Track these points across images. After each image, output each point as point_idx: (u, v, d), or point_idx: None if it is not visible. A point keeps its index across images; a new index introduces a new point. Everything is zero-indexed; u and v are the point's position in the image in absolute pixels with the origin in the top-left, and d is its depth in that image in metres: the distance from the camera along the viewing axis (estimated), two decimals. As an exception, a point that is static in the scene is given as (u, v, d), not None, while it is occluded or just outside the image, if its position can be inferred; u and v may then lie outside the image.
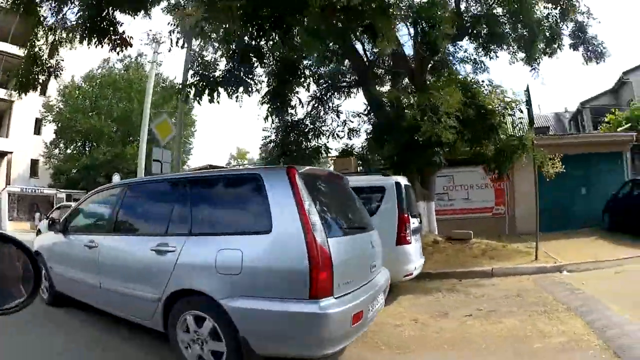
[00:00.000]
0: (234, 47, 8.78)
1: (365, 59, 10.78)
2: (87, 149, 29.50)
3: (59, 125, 30.75)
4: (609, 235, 11.65)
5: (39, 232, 14.59)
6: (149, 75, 21.90)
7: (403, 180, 6.83)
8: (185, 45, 11.00)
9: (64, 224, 5.62)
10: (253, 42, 7.91)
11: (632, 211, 11.17)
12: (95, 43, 8.18)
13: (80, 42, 8.30)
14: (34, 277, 1.37)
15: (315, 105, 11.11)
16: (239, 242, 3.40)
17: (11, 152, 31.88)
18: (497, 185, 13.59)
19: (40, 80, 9.42)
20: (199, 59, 10.25)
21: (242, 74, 9.09)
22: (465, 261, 8.68)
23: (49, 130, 32.54)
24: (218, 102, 9.38)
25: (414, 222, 6.72)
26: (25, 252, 1.37)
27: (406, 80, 11.34)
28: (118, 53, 8.37)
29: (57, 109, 30.60)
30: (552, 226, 9.12)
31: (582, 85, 64.08)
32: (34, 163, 33.83)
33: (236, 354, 3.32)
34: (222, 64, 9.98)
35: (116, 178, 21.29)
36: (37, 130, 33.67)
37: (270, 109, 10.33)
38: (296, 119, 11.20)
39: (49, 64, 9.44)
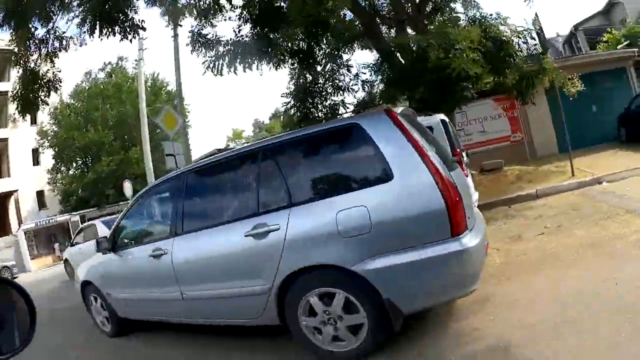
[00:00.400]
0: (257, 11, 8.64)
1: (368, 10, 10.76)
2: (89, 164, 29.20)
3: (56, 149, 30.22)
4: (628, 146, 11.95)
5: (66, 261, 14.38)
6: (138, 72, 21.47)
7: (445, 118, 6.95)
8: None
9: (112, 241, 4.93)
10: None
11: (647, 122, 11.33)
12: (106, 33, 8.10)
13: (91, 34, 8.07)
14: (29, 319, 1.35)
15: (327, 61, 11.00)
16: (359, 198, 3.04)
17: (16, 190, 31.48)
18: (510, 114, 13.82)
19: (41, 97, 9.39)
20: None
21: (267, 40, 9.03)
22: (506, 189, 8.92)
23: (47, 158, 32.06)
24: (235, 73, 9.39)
25: (463, 156, 6.86)
26: (22, 293, 1.36)
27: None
28: (131, 41, 8.32)
29: (52, 133, 30.18)
30: (571, 145, 9.32)
31: (568, 10, 63.80)
32: (40, 194, 33.35)
33: (380, 320, 3.03)
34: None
35: (127, 185, 20.81)
36: (36, 161, 33.20)
37: (299, 69, 10.31)
38: (310, 80, 11.13)
39: (46, 78, 9.31)
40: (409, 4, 10.63)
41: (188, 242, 3.98)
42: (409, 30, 10.31)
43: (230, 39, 9.84)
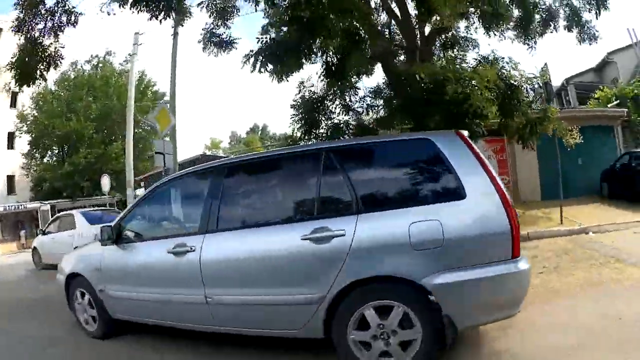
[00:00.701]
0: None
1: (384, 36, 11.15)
2: (66, 154, 28.73)
3: (33, 135, 29.84)
4: (609, 201, 12.64)
5: (35, 250, 14.05)
6: (130, 67, 20.85)
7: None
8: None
9: (117, 231, 4.49)
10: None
11: (629, 181, 12.17)
12: (138, 6, 8.08)
13: (122, 4, 8.18)
14: None
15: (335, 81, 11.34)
16: (433, 212, 3.07)
17: None
18: (500, 157, 14.28)
19: (40, 71, 9.07)
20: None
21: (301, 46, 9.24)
22: (496, 229, 9.29)
23: (22, 143, 31.61)
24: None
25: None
26: None
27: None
28: (160, 21, 8.18)
29: (32, 118, 29.73)
30: (554, 194, 9.91)
31: (561, 63, 66.52)
32: (10, 179, 32.83)
33: (433, 336, 3.03)
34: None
35: (105, 180, 20.73)
36: (11, 145, 32.69)
37: (327, 82, 10.55)
38: (318, 96, 11.39)
39: (48, 52, 9.02)
40: (418, 36, 11.04)
41: (223, 240, 3.70)
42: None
43: (265, 39, 9.97)
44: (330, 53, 9.93)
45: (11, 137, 32.56)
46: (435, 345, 3.04)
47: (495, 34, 11.79)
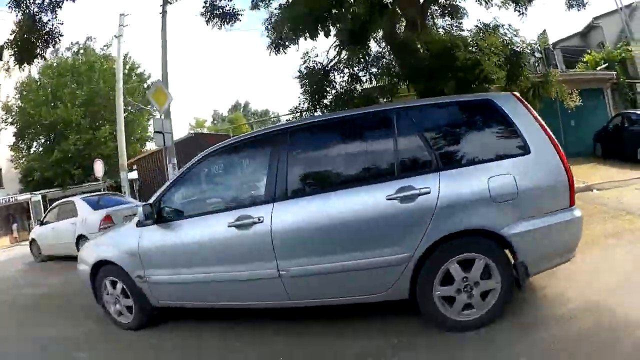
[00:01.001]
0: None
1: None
2: (54, 143, 28.13)
3: (18, 126, 29.33)
4: (603, 161, 13.26)
5: (33, 242, 13.67)
6: (118, 50, 21.25)
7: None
8: None
9: (157, 209, 4.16)
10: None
11: (622, 140, 12.70)
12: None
13: None
14: None
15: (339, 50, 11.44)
16: (506, 167, 3.30)
17: None
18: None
19: (39, 48, 8.98)
20: None
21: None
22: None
23: (7, 135, 30.96)
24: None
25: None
26: None
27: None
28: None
29: (16, 108, 29.11)
30: None
31: (547, 27, 67.26)
32: None
33: (509, 284, 3.28)
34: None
35: (99, 165, 20.32)
36: None
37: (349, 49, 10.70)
38: (324, 66, 11.56)
39: (46, 29, 8.87)
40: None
41: (297, 207, 3.57)
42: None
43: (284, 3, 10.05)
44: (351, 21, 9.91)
45: None
46: (510, 292, 3.31)
47: (485, 1, 11.82)
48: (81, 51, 31.05)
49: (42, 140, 29.63)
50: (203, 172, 4.35)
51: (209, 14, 10.90)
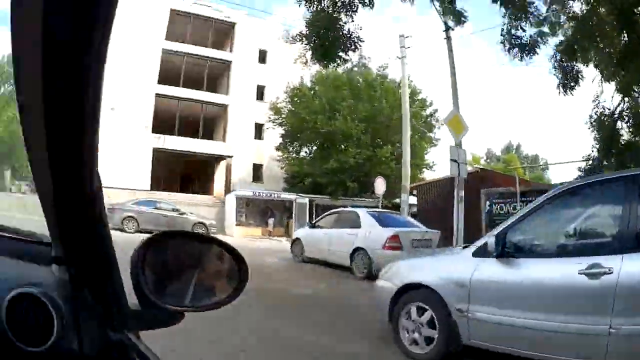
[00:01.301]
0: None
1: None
2: (330, 152, 28.85)
3: (289, 128, 31.19)
4: None
5: (296, 241, 14.33)
6: (402, 71, 21.47)
7: None
8: None
9: (502, 241, 3.96)
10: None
11: None
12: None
13: None
14: (238, 275, 1.29)
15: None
16: None
17: (230, 157, 33.47)
18: None
19: (341, 50, 9.39)
20: None
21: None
22: None
23: (271, 135, 33.46)
24: None
25: None
26: (229, 251, 1.31)
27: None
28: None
29: (286, 111, 31.01)
30: None
31: None
32: (257, 168, 35.36)
33: None
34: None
35: (380, 182, 20.98)
36: (259, 135, 35.52)
37: None
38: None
39: (345, 31, 9.08)
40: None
41: None
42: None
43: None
44: None
45: (259, 128, 35.37)
46: None
47: None
48: (355, 68, 31.95)
49: (314, 147, 31.03)
50: (553, 210, 4.25)
51: (507, 43, 10.41)
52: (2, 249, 1.30)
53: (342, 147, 27.79)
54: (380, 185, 20.91)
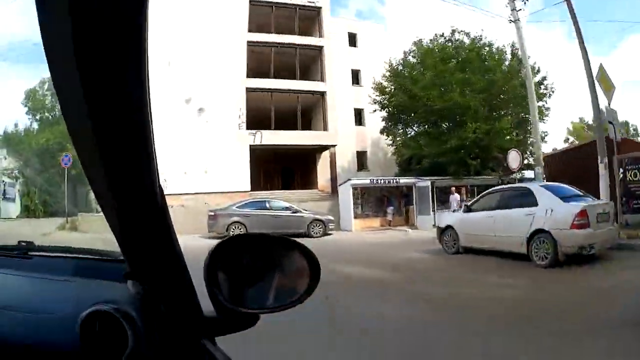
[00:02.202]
0: None
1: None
2: (449, 129, 27.81)
3: (391, 109, 30.33)
4: None
5: (446, 229, 13.52)
6: (518, 36, 21.05)
7: None
8: None
9: None
10: None
11: None
12: None
13: None
14: (310, 274, 1.32)
15: None
16: None
17: (334, 146, 32.82)
18: None
19: None
20: None
21: None
22: None
23: (372, 119, 33.02)
24: None
25: None
26: (307, 255, 1.35)
27: None
28: None
29: (393, 90, 29.88)
30: None
31: None
32: (360, 155, 35.25)
33: None
34: None
35: (514, 156, 19.91)
36: (359, 121, 35.39)
37: None
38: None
39: None
40: None
41: None
42: None
43: None
44: None
45: (358, 113, 35.32)
46: None
47: None
48: (461, 38, 30.29)
49: (426, 126, 29.70)
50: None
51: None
52: (78, 270, 1.57)
53: (460, 123, 26.66)
54: (513, 159, 19.79)
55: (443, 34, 30.55)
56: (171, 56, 29.24)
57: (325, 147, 33.14)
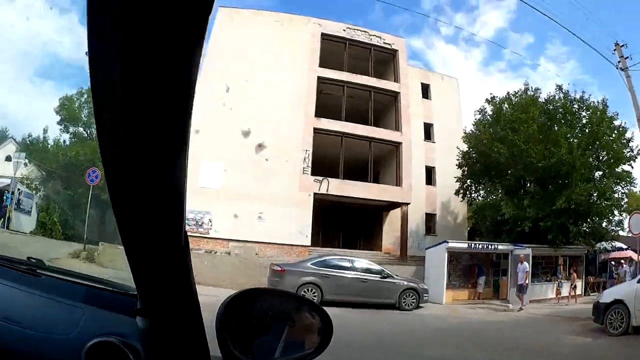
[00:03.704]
0: None
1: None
2: (549, 189, 25.94)
3: (476, 167, 29.11)
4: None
5: (612, 305, 11.96)
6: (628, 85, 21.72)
7: None
8: None
9: None
10: None
11: None
12: None
13: None
14: (322, 331, 1.50)
15: None
16: None
17: (407, 204, 30.91)
18: None
19: None
20: None
21: None
22: None
23: (444, 177, 32.05)
24: None
25: None
26: (319, 312, 1.54)
27: None
28: None
29: (487, 141, 27.84)
30: None
31: None
32: (429, 218, 33.49)
33: None
34: None
35: (637, 218, 18.55)
36: (429, 180, 33.78)
37: None
38: None
39: None
40: None
41: None
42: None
43: None
44: None
45: (429, 171, 33.67)
46: None
47: None
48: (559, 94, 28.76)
49: (528, 185, 27.86)
50: None
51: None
52: (87, 297, 1.63)
53: (566, 182, 24.93)
54: (637, 223, 18.30)
55: (526, 89, 29.92)
56: (231, 81, 28.92)
57: (396, 205, 31.32)
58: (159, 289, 1.13)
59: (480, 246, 25.38)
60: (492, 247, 25.30)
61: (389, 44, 33.74)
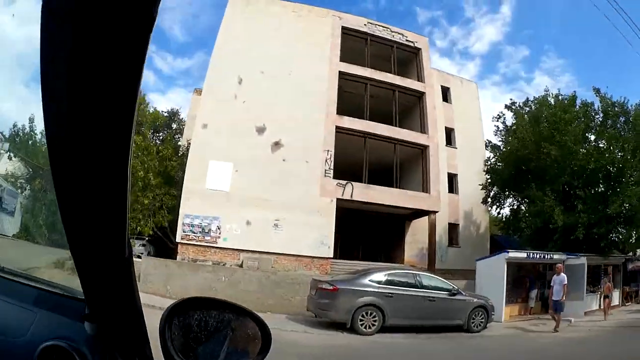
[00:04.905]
0: None
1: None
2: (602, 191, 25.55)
3: (507, 170, 28.15)
4: None
5: None
6: None
7: None
8: None
9: None
10: None
11: None
12: None
13: None
14: (262, 340, 1.60)
15: None
16: None
17: (435, 212, 29.85)
18: None
19: None
20: None
21: None
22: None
23: (467, 184, 31.61)
24: None
25: None
26: (257, 321, 1.64)
27: None
28: None
29: (528, 141, 27.10)
30: None
31: None
32: (452, 228, 32.54)
33: None
34: None
35: None
36: (451, 188, 32.96)
37: None
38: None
39: None
40: None
41: None
42: None
43: None
44: None
45: (451, 179, 32.92)
46: None
47: None
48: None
49: (579, 188, 26.48)
50: None
51: None
52: (39, 300, 1.65)
53: (616, 185, 24.38)
54: None
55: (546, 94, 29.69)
56: (245, 72, 27.55)
57: (421, 213, 30.32)
58: (104, 296, 1.21)
59: (538, 256, 23.42)
60: (548, 256, 23.74)
61: (411, 41, 33.06)
